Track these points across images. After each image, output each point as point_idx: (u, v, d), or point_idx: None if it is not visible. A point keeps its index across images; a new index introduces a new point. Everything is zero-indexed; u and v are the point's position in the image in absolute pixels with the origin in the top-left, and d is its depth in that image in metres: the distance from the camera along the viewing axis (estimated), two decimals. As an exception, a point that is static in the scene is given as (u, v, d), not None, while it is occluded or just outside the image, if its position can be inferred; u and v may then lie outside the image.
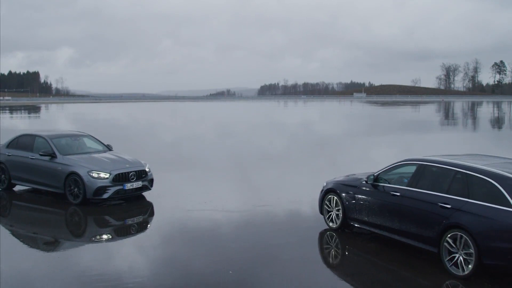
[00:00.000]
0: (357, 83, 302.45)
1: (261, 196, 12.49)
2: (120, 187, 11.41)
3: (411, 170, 8.11)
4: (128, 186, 11.52)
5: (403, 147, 24.07)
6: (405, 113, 66.38)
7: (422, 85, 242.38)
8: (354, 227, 9.20)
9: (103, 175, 11.27)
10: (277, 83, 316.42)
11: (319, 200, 9.75)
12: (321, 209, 9.72)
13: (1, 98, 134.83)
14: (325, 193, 9.57)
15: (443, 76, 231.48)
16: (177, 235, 9.37)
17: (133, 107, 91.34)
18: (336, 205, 9.28)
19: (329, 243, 8.97)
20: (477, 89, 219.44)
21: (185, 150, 23.33)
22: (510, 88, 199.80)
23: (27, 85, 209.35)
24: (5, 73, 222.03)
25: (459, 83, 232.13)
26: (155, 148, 23.12)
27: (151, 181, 12.14)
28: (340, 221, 9.23)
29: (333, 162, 19.08)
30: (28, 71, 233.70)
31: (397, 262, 7.78)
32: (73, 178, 11.35)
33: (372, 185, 8.53)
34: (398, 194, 7.97)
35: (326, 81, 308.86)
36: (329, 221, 9.48)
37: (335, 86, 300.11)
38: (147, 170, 12.04)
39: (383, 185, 8.37)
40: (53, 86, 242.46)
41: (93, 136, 13.60)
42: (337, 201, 9.25)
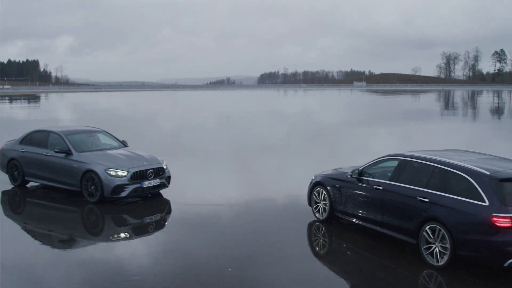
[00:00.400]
0: (357, 71, 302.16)
1: (259, 188, 12.87)
2: (138, 185, 11.18)
3: (394, 165, 8.48)
4: (146, 184, 11.28)
5: (402, 137, 24.36)
6: (405, 102, 66.53)
7: (422, 73, 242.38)
8: (342, 219, 9.60)
9: (120, 173, 11.04)
10: (277, 72, 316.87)
11: (308, 193, 10.13)
12: (309, 201, 10.11)
13: (0, 86, 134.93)
14: (313, 186, 9.95)
15: (443, 65, 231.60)
16: (197, 231, 9.41)
17: (133, 96, 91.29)
18: (324, 198, 9.66)
19: (317, 234, 9.38)
20: (477, 77, 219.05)
21: (190, 140, 23.57)
22: (510, 77, 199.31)
23: (27, 73, 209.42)
24: (5, 61, 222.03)
25: (459, 71, 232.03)
26: (158, 138, 23.27)
27: (168, 178, 11.93)
28: (327, 213, 9.61)
29: (332, 152, 19.40)
30: (27, 60, 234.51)
31: (379, 252, 8.17)
32: (90, 176, 11.11)
33: (356, 179, 8.90)
34: (381, 188, 8.34)
35: (326, 69, 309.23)
36: (317, 212, 9.88)
37: (335, 75, 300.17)
38: (164, 167, 11.81)
39: (367, 179, 8.73)
40: (53, 74, 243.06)
41: (107, 132, 13.33)
42: (324, 194, 9.64)
